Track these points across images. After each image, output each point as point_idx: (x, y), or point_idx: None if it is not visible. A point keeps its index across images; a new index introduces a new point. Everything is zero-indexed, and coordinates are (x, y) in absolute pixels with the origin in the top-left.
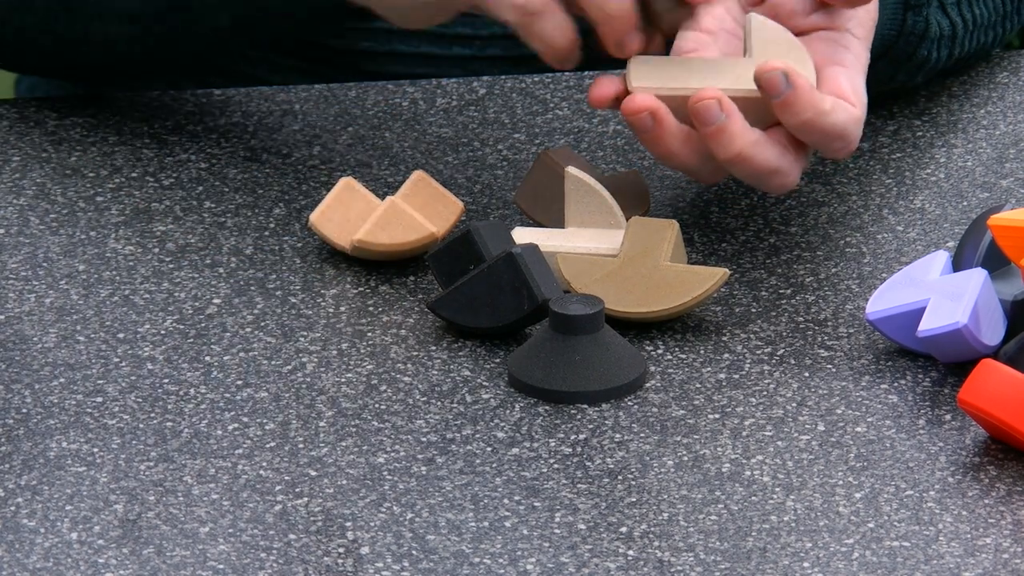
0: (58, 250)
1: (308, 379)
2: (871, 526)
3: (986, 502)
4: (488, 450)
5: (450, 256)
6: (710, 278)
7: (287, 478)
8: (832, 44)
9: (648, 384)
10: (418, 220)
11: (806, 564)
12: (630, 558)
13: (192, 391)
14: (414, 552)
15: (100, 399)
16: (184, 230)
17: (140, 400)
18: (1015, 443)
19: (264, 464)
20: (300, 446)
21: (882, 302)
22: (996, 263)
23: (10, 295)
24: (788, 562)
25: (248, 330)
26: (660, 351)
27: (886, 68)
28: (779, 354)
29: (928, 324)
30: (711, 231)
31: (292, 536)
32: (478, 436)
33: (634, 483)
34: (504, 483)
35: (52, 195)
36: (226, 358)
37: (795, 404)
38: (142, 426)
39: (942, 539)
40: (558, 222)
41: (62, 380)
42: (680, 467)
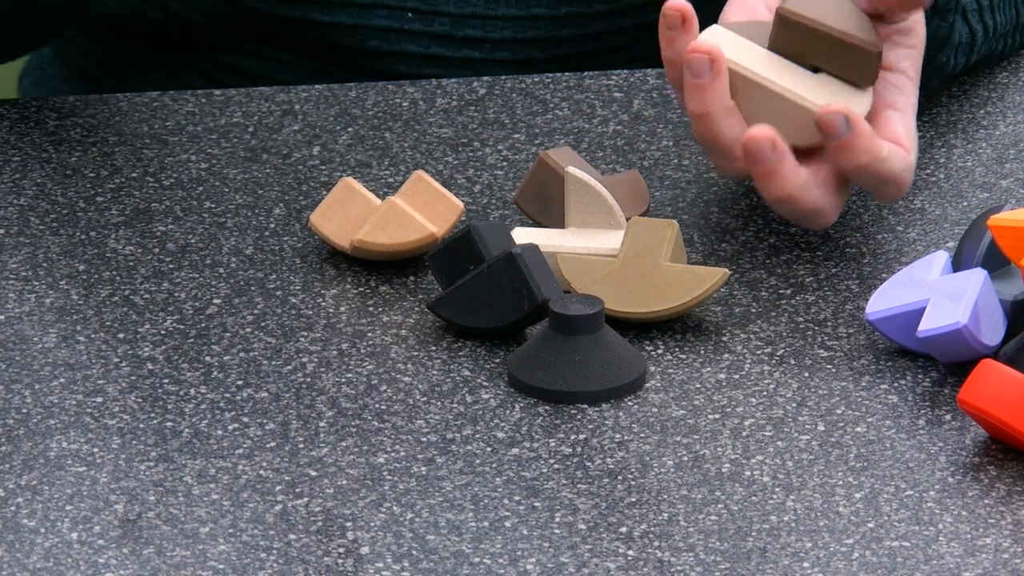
0: (58, 250)
1: (308, 379)
2: (871, 526)
3: (986, 502)
4: (488, 450)
5: (450, 256)
6: (710, 278)
7: (287, 478)
8: (886, 85)
9: (648, 384)
10: (418, 220)
11: (806, 564)
12: (630, 558)
13: (192, 391)
14: (414, 552)
15: (100, 399)
16: (184, 230)
17: (140, 400)
18: (1015, 443)
19: (264, 464)
20: (300, 446)
21: (882, 302)
22: (996, 263)
23: (10, 295)
24: (788, 562)
25: (248, 330)
26: (660, 351)
27: None
28: (779, 354)
29: (928, 324)
30: (711, 231)
31: (292, 536)
32: (478, 436)
33: (634, 483)
34: (504, 483)
35: (52, 195)
36: (226, 358)
37: (795, 404)
38: (142, 426)
39: (942, 539)
40: (558, 222)
41: (62, 380)
42: (680, 467)
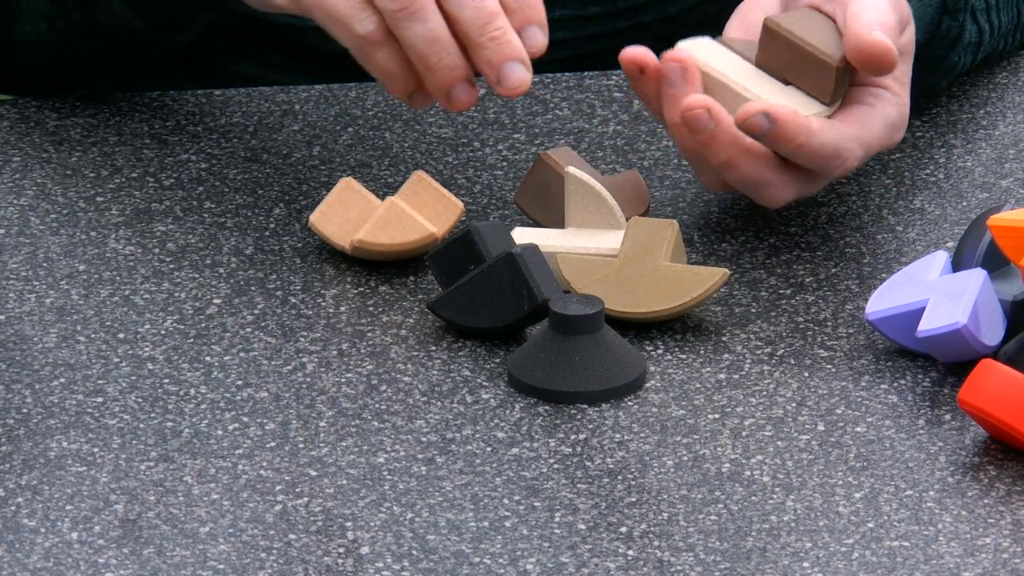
0: (58, 250)
1: (308, 379)
2: (871, 526)
3: (986, 502)
4: (488, 450)
5: (450, 256)
6: (710, 278)
7: (287, 478)
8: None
9: (648, 384)
10: (418, 220)
11: (806, 564)
12: (630, 558)
13: (192, 391)
14: (414, 552)
15: (100, 399)
16: (184, 230)
17: (140, 400)
18: (1015, 443)
19: (264, 464)
20: (300, 446)
21: (882, 302)
22: (996, 263)
23: (10, 295)
24: (788, 562)
25: (248, 330)
26: (660, 351)
27: (915, 72)
28: (779, 354)
29: (928, 324)
30: (711, 231)
31: (292, 536)
32: (478, 436)
33: (634, 483)
34: (504, 483)
35: (52, 195)
36: (226, 358)
37: (795, 404)
38: (142, 426)
39: (942, 539)
40: (558, 222)
41: (62, 380)
42: (680, 467)
